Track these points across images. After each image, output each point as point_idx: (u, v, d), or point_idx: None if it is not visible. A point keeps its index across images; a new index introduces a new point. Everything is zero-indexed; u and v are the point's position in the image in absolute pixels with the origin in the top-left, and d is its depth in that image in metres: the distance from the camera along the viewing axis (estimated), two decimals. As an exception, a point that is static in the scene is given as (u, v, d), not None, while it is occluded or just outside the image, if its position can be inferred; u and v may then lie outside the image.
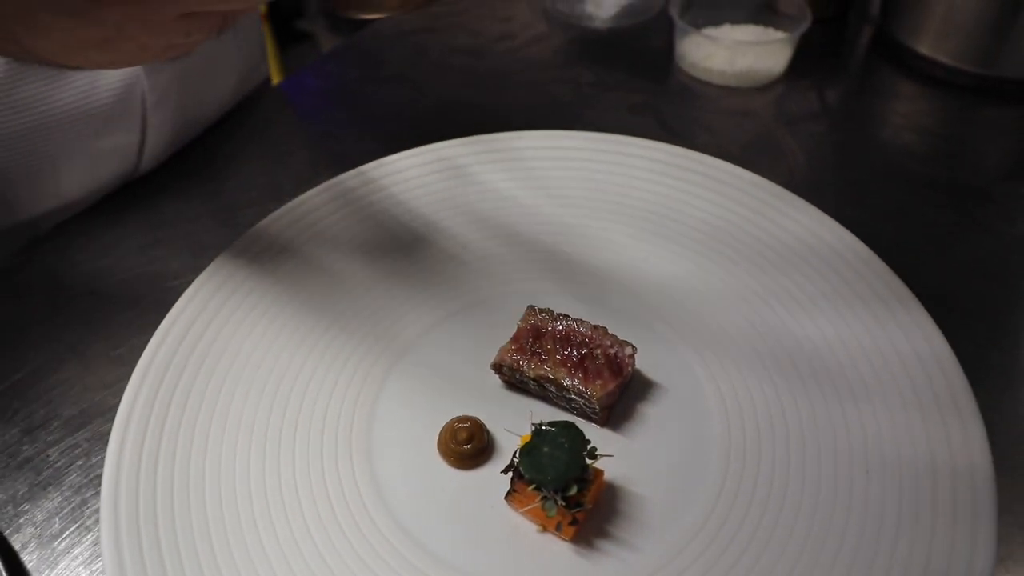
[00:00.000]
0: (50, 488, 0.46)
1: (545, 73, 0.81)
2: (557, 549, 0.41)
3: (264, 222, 0.55)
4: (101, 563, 0.42)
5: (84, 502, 0.45)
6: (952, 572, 0.36)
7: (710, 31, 0.79)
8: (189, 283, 0.52)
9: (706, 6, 0.80)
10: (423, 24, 0.89)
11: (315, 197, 0.57)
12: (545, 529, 0.41)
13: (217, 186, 0.66)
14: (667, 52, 0.82)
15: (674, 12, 0.77)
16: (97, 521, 0.44)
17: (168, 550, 0.39)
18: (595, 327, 0.47)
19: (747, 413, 0.45)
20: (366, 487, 0.43)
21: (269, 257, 0.53)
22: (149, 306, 0.56)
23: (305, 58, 2.22)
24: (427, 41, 0.86)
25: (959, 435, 0.41)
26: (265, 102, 0.77)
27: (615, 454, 0.43)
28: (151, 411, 0.44)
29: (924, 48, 0.78)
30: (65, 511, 0.45)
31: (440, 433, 0.45)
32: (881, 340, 0.46)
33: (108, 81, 0.57)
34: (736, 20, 0.81)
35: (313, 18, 2.25)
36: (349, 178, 0.59)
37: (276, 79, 0.86)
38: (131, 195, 0.65)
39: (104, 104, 0.57)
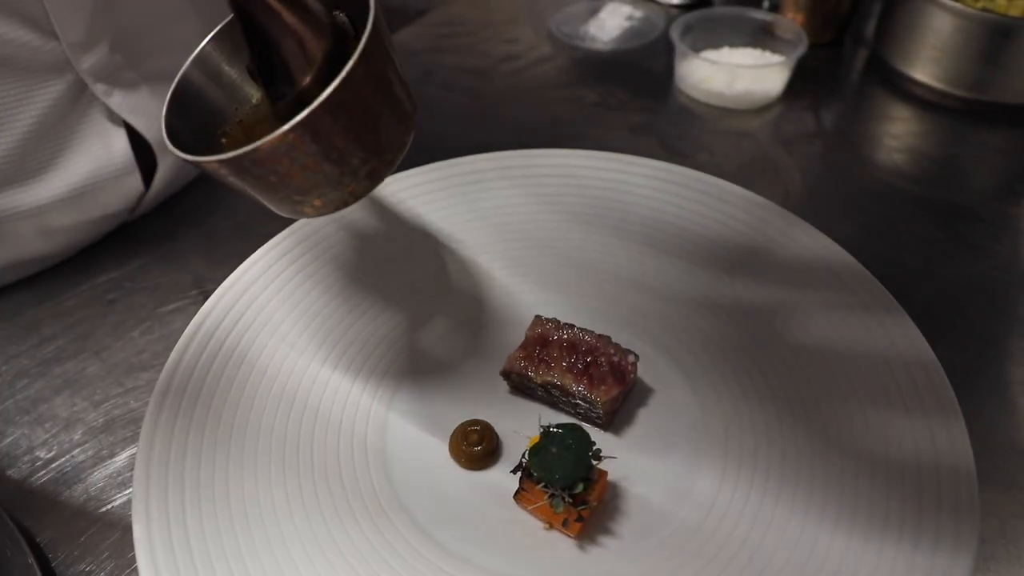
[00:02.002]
0: (75, 486, 0.48)
1: (549, 93, 0.84)
2: (563, 545, 0.43)
3: (282, 234, 0.57)
4: (118, 561, 0.44)
5: (108, 500, 0.47)
6: (936, 569, 0.38)
7: (709, 54, 0.81)
8: (208, 293, 0.54)
9: (705, 30, 0.83)
10: (430, 45, 0.92)
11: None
12: (552, 526, 0.43)
13: (233, 200, 0.69)
14: (667, 74, 0.85)
15: (674, 35, 0.80)
16: (120, 518, 0.46)
17: (196, 544, 0.40)
18: (599, 336, 0.49)
19: (743, 418, 0.48)
20: (381, 486, 0.46)
21: (286, 267, 0.55)
22: (169, 315, 0.58)
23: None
24: (434, 62, 0.89)
25: (944, 439, 0.43)
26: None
27: (618, 456, 0.45)
28: (177, 414, 0.46)
29: (917, 73, 0.81)
30: (89, 509, 0.47)
31: (451, 435, 0.47)
32: (871, 349, 0.48)
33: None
34: (735, 44, 0.84)
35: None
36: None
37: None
38: (148, 207, 0.67)
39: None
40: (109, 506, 0.47)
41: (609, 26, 0.92)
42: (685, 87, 0.82)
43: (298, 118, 0.33)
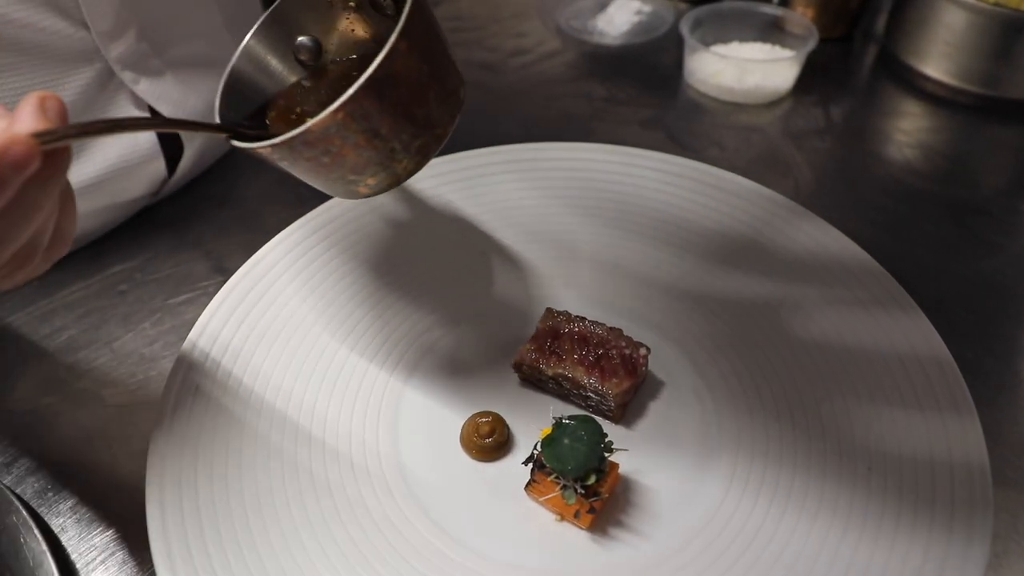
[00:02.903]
0: (89, 475, 0.48)
1: (558, 88, 0.83)
2: (573, 537, 0.43)
3: (292, 226, 0.57)
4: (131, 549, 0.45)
5: (119, 489, 0.48)
6: (948, 565, 0.38)
7: (719, 49, 0.81)
8: (216, 284, 0.54)
9: (715, 24, 0.83)
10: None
11: (338, 205, 0.59)
12: (563, 518, 0.43)
13: (241, 192, 0.69)
14: (677, 68, 0.85)
15: (684, 30, 0.79)
16: (132, 506, 0.46)
17: (210, 535, 0.41)
18: (611, 329, 0.49)
19: (754, 411, 0.48)
20: (393, 476, 0.46)
21: (296, 260, 0.55)
22: (179, 306, 0.58)
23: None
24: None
25: (957, 434, 0.43)
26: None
27: (629, 449, 0.45)
28: (191, 404, 0.46)
29: (928, 68, 0.81)
30: (101, 498, 0.47)
31: (463, 427, 0.48)
32: (883, 344, 0.48)
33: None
34: (744, 38, 0.83)
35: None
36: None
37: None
38: (158, 201, 0.67)
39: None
40: (121, 494, 0.47)
41: (618, 21, 0.92)
42: (694, 82, 0.82)
43: (345, 96, 0.34)
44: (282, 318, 0.52)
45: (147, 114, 0.60)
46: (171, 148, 0.64)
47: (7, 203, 0.29)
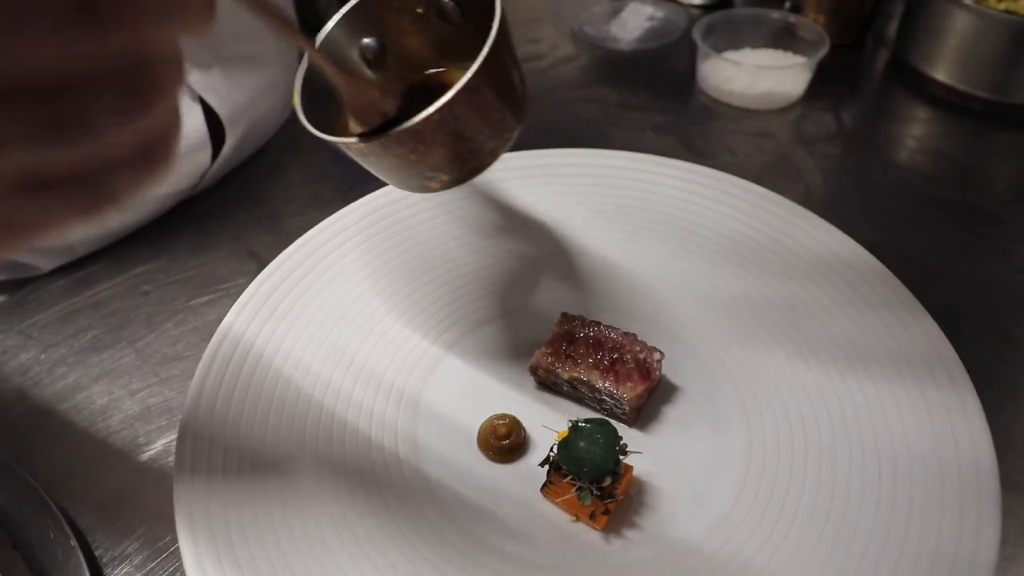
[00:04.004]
0: (113, 472, 0.49)
1: (572, 93, 0.84)
2: (588, 538, 0.44)
3: (313, 231, 0.58)
4: (156, 545, 0.46)
5: (145, 485, 0.49)
6: (957, 563, 0.39)
7: (731, 55, 0.82)
8: (238, 287, 0.55)
9: (727, 30, 0.84)
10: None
11: (362, 207, 0.60)
12: (578, 519, 0.44)
13: (262, 196, 0.70)
14: (689, 74, 0.86)
15: (697, 35, 0.80)
16: (157, 502, 0.48)
17: (236, 534, 0.42)
18: (625, 333, 0.50)
19: (766, 415, 0.48)
20: (412, 477, 0.47)
21: (317, 263, 0.56)
22: (202, 307, 0.60)
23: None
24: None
25: (966, 439, 0.44)
26: (296, 117, 0.81)
27: (643, 451, 0.46)
28: (214, 407, 0.47)
29: (939, 74, 0.82)
30: (127, 495, 0.48)
31: (480, 429, 0.49)
32: (892, 348, 0.49)
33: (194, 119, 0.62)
34: (756, 44, 0.84)
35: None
36: (392, 190, 0.62)
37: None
38: (180, 204, 0.68)
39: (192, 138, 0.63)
40: (146, 491, 0.49)
41: (631, 26, 0.93)
42: (707, 87, 0.82)
43: (445, 98, 0.36)
44: (305, 318, 0.53)
45: (198, 105, 0.63)
46: (214, 138, 0.66)
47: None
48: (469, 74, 0.36)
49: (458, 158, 0.40)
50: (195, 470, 0.44)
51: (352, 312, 0.54)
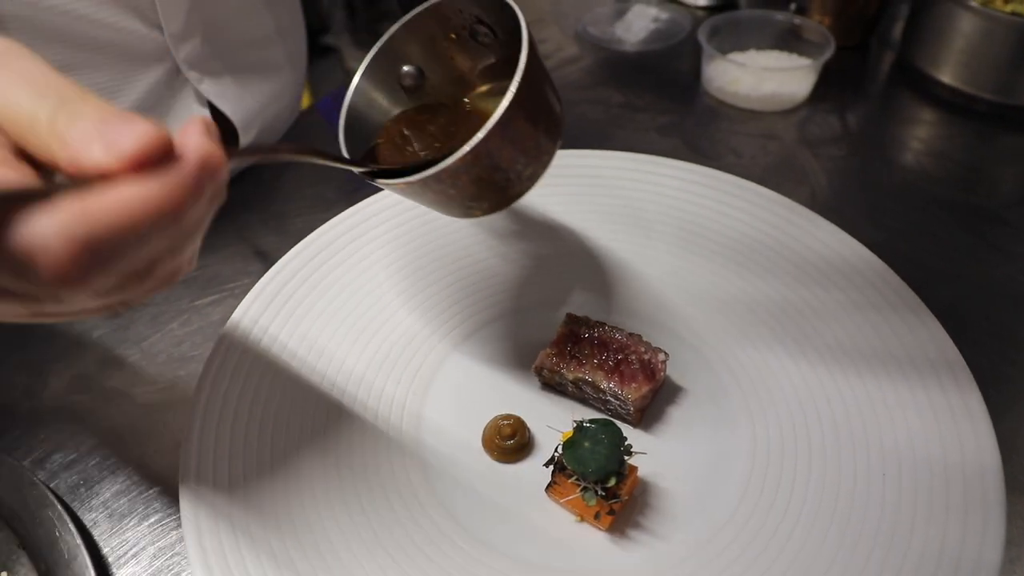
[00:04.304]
0: (118, 471, 0.50)
1: (577, 94, 0.84)
2: (593, 538, 0.44)
3: (316, 232, 0.58)
4: (160, 544, 0.46)
5: (150, 485, 0.49)
6: (963, 564, 0.39)
7: (736, 56, 0.82)
8: (243, 287, 0.55)
9: (732, 32, 0.84)
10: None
11: (366, 208, 0.60)
12: (583, 519, 0.44)
13: (268, 197, 0.70)
14: (694, 75, 0.86)
15: (701, 37, 0.80)
16: (162, 501, 0.48)
17: (243, 538, 0.42)
18: (630, 334, 0.50)
19: (770, 417, 0.48)
20: (417, 476, 0.47)
21: (321, 264, 0.56)
22: (206, 307, 0.60)
23: (329, 72, 2.26)
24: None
25: (971, 439, 0.44)
26: (304, 119, 0.81)
27: (647, 452, 0.46)
28: (219, 406, 0.47)
29: (943, 76, 0.82)
30: (132, 493, 0.49)
31: (485, 429, 0.49)
32: (897, 350, 0.49)
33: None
34: (761, 46, 0.84)
35: (338, 34, 2.30)
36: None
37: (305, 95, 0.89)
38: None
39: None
40: (151, 490, 0.49)
41: (636, 28, 0.93)
42: (712, 89, 0.82)
43: (476, 139, 0.37)
44: (310, 318, 0.53)
45: (206, 108, 0.64)
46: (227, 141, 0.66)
47: (193, 216, 0.28)
48: (500, 109, 0.36)
49: (497, 188, 0.41)
50: (201, 470, 0.44)
51: (357, 312, 0.54)
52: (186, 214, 0.27)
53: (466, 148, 0.37)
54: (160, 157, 0.25)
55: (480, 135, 0.37)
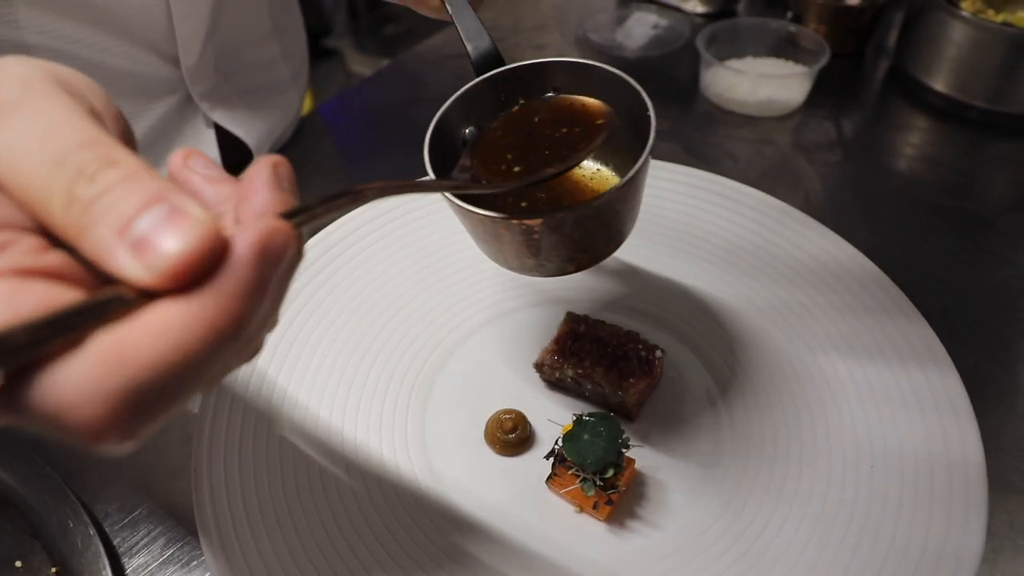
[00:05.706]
0: (128, 464, 0.51)
1: (577, 99, 0.86)
2: (591, 528, 0.46)
3: (318, 236, 0.59)
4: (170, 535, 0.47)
5: (160, 477, 0.50)
6: (945, 554, 0.40)
7: (733, 63, 0.84)
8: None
9: (730, 39, 0.85)
10: (461, 50, 0.93)
11: (370, 209, 0.61)
12: (582, 510, 0.46)
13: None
14: (692, 82, 0.87)
15: (700, 44, 0.82)
16: (172, 492, 0.49)
17: (256, 526, 0.43)
18: (628, 332, 0.52)
19: (763, 412, 0.50)
20: (421, 469, 0.48)
21: (328, 263, 0.58)
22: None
23: (331, 75, 2.27)
24: (464, 67, 0.90)
25: (955, 434, 0.45)
26: (307, 123, 0.83)
27: (644, 445, 0.48)
28: (228, 400, 0.49)
29: (937, 84, 0.83)
30: (143, 485, 0.50)
31: (487, 423, 0.50)
32: (886, 349, 0.50)
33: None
34: (758, 53, 0.86)
35: (340, 36, 2.31)
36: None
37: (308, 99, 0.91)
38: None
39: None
40: (164, 481, 0.50)
41: (636, 34, 0.95)
42: (710, 95, 0.84)
43: (602, 198, 0.38)
44: (315, 317, 0.55)
45: (212, 130, 0.67)
46: (226, 162, 0.68)
47: (262, 314, 0.22)
48: (632, 171, 0.38)
49: (571, 258, 0.42)
50: (212, 461, 0.45)
51: (362, 310, 0.56)
52: (251, 321, 0.21)
53: (585, 205, 0.38)
54: (208, 262, 0.20)
55: (605, 195, 0.38)
